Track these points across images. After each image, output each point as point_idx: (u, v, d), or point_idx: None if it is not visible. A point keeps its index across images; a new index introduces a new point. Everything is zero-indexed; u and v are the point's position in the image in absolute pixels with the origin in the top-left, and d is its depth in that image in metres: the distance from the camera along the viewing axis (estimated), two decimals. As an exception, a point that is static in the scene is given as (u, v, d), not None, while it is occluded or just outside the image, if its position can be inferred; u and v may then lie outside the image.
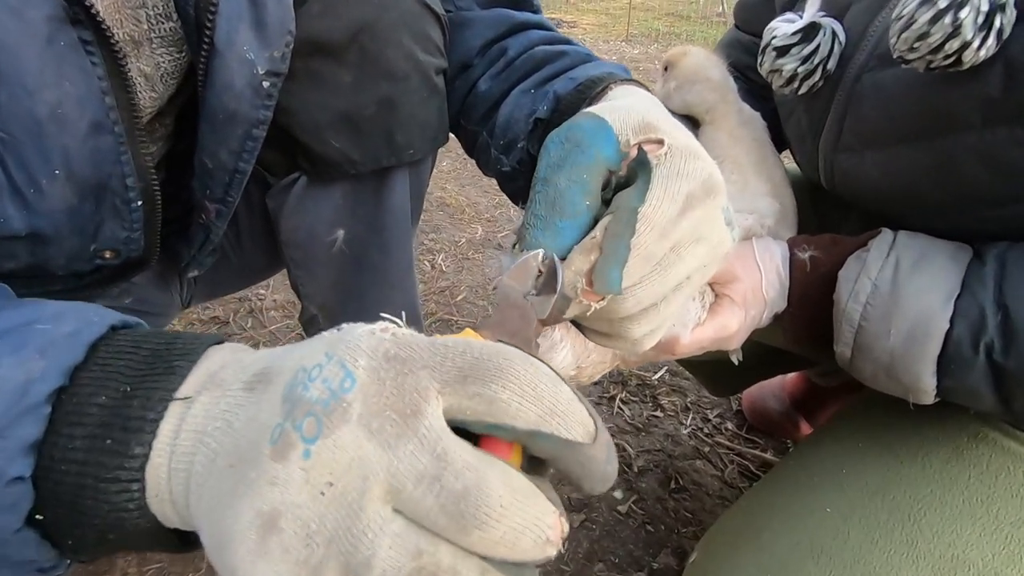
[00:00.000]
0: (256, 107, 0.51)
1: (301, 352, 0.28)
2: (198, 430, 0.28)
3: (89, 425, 0.28)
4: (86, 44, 0.43)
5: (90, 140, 0.45)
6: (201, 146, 0.52)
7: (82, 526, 0.29)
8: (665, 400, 1.25)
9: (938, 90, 0.52)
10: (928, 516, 0.54)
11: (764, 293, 0.57)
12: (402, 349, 0.27)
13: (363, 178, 0.63)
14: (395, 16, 0.57)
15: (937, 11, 0.47)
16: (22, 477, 0.28)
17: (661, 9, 8.19)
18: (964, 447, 0.58)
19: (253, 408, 0.27)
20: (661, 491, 1.05)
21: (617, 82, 0.52)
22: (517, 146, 0.59)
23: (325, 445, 0.25)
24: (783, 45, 0.61)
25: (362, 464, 0.25)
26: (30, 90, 0.41)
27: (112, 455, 0.28)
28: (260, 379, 0.28)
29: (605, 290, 0.34)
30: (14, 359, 0.29)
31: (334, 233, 0.66)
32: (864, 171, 0.61)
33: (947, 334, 0.50)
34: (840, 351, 0.57)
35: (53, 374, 0.29)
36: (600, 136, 0.37)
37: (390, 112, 0.59)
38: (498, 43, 0.65)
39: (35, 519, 0.29)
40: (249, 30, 0.49)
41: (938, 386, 0.52)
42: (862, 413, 0.69)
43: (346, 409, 0.25)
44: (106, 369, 0.30)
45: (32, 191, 0.43)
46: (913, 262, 0.54)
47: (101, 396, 0.29)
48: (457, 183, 2.23)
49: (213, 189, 0.55)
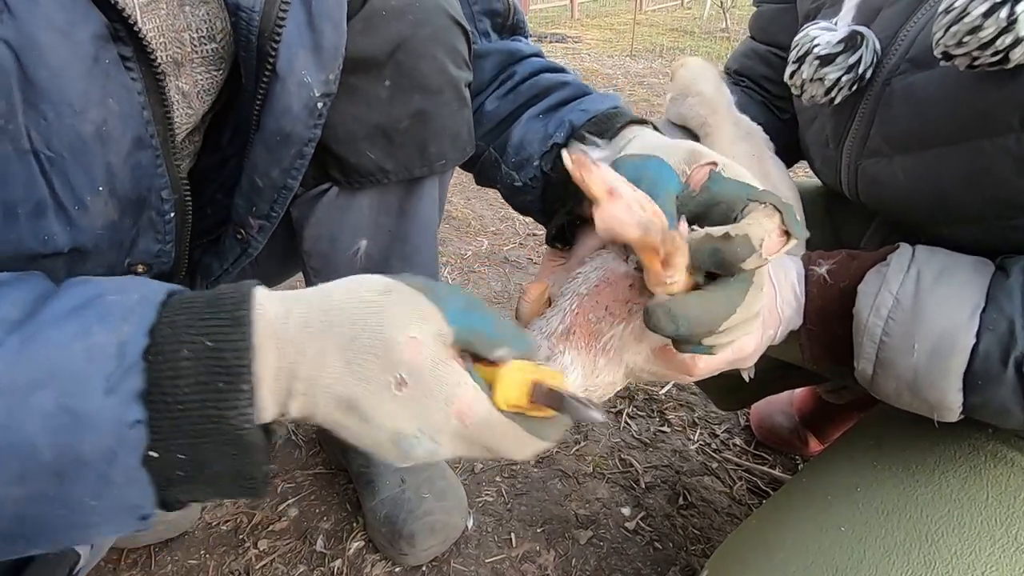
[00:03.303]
0: (309, 127, 0.53)
1: (386, 408, 0.37)
2: (290, 372, 0.36)
3: (189, 375, 0.34)
4: (125, 60, 0.44)
5: (132, 156, 0.46)
6: (253, 165, 0.54)
7: (200, 451, 0.34)
8: (672, 415, 1.25)
9: (975, 92, 0.51)
10: (946, 537, 0.53)
11: (779, 311, 0.56)
12: (473, 428, 0.38)
13: (389, 188, 0.64)
14: (429, 32, 0.58)
15: (993, 4, 0.46)
16: (140, 420, 0.33)
17: (665, 25, 8.25)
18: (982, 467, 0.57)
19: (364, 429, 0.37)
20: (669, 508, 1.04)
21: (630, 123, 0.57)
22: (532, 164, 0.62)
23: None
24: (828, 54, 0.61)
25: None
26: (77, 109, 0.41)
27: (227, 393, 0.34)
28: (351, 411, 0.37)
29: (800, 235, 0.43)
30: (103, 326, 0.34)
31: (357, 243, 0.67)
32: (892, 176, 0.60)
33: (973, 349, 0.49)
34: (861, 368, 0.56)
35: (139, 335, 0.34)
36: (664, 173, 0.45)
37: (424, 124, 0.61)
38: (507, 69, 0.69)
39: (148, 458, 0.34)
40: (308, 55, 0.51)
41: (964, 403, 0.51)
42: (875, 431, 0.68)
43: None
44: (174, 326, 0.35)
45: (76, 208, 0.44)
46: (935, 275, 0.53)
47: (183, 350, 0.34)
48: (463, 196, 2.23)
49: (259, 206, 0.56)
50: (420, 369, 0.36)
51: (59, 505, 0.33)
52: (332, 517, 1.00)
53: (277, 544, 0.95)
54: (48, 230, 0.43)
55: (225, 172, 0.61)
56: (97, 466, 0.33)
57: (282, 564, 0.92)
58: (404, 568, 0.92)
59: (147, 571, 0.91)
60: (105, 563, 0.91)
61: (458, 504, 0.95)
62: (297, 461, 1.11)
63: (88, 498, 0.33)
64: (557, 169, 0.61)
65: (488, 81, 0.70)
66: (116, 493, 0.34)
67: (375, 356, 0.36)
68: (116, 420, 0.33)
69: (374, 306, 0.37)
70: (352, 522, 0.99)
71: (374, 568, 0.92)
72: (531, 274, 1.76)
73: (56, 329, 0.34)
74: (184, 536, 0.96)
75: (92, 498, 0.33)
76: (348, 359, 0.36)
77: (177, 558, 0.93)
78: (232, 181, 0.59)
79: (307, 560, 0.93)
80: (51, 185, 0.42)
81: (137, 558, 0.93)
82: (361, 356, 0.36)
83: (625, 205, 0.38)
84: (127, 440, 0.33)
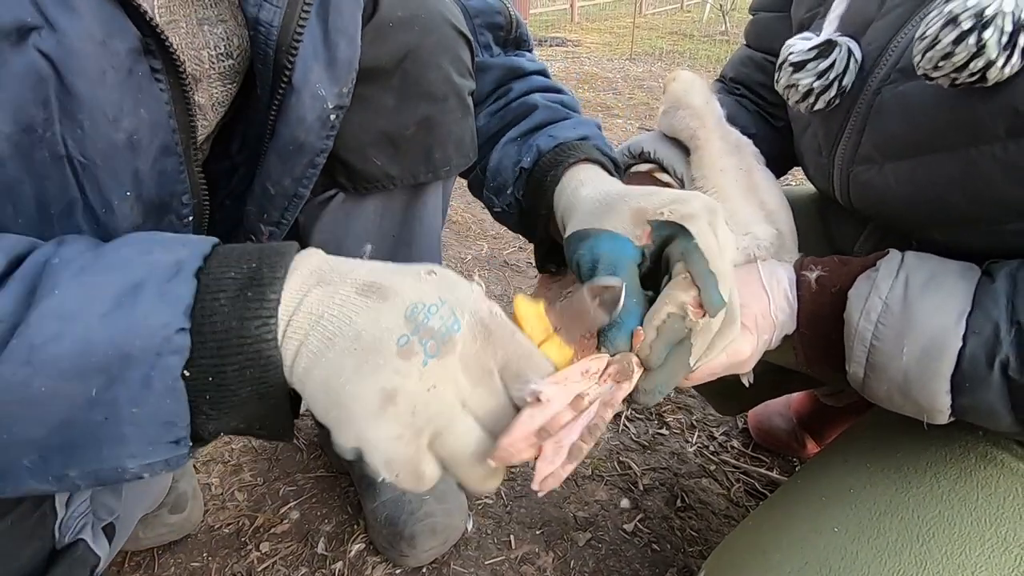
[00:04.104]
0: (322, 138, 0.54)
1: (410, 282, 0.39)
2: (314, 313, 0.37)
3: (228, 290, 0.36)
4: (155, 73, 0.45)
5: (158, 163, 0.47)
6: (266, 173, 0.55)
7: (224, 373, 0.36)
8: (671, 418, 1.25)
9: (962, 102, 0.52)
10: (937, 537, 0.54)
11: (773, 316, 0.58)
12: (491, 321, 0.39)
13: (394, 193, 0.66)
14: (434, 41, 0.60)
15: (961, 32, 0.47)
16: (185, 328, 0.35)
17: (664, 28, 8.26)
18: (973, 468, 0.58)
19: (374, 313, 0.37)
20: (667, 509, 1.05)
21: (581, 161, 0.60)
22: (506, 192, 0.65)
23: (439, 363, 0.37)
24: (799, 60, 0.63)
25: (456, 385, 0.38)
26: (111, 118, 0.43)
27: (252, 301, 0.36)
28: (373, 290, 0.38)
29: (713, 310, 0.46)
30: (163, 248, 0.38)
31: (362, 248, 0.67)
32: (883, 183, 0.61)
33: (960, 352, 0.50)
34: (853, 371, 0.57)
35: (195, 257, 0.37)
36: (618, 246, 0.49)
37: (429, 131, 0.62)
38: (505, 85, 0.71)
39: (182, 375, 0.35)
40: (322, 69, 0.52)
41: (953, 405, 0.52)
42: (870, 433, 0.69)
43: (454, 346, 0.37)
44: (226, 259, 0.38)
45: (104, 211, 0.45)
46: (923, 281, 0.54)
47: (231, 272, 0.37)
48: (463, 200, 2.24)
49: (270, 213, 0.57)
50: (446, 272, 0.41)
51: (101, 410, 0.34)
52: (333, 519, 1.01)
53: (279, 547, 0.96)
54: (77, 228, 0.44)
55: (234, 180, 0.62)
56: (142, 366, 0.34)
57: (284, 566, 0.93)
58: (405, 570, 0.93)
59: (150, 574, 0.92)
60: (109, 566, 0.92)
61: (458, 506, 0.96)
62: (299, 464, 1.12)
63: (128, 404, 0.34)
64: (528, 197, 0.64)
65: (485, 96, 0.71)
66: (154, 403, 0.35)
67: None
68: (163, 324, 0.35)
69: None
70: (353, 524, 1.00)
71: (375, 570, 0.93)
72: (530, 278, 1.77)
73: (122, 248, 0.38)
74: (187, 539, 0.97)
75: (132, 404, 0.34)
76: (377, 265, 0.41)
77: (180, 561, 0.94)
78: (241, 189, 0.60)
79: (309, 562, 0.94)
80: (82, 189, 0.43)
81: (140, 561, 0.94)
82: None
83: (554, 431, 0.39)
84: (171, 343, 0.35)
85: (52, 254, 0.37)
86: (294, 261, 0.39)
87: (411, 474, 0.37)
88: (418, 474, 0.37)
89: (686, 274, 0.46)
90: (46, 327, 0.34)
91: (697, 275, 0.46)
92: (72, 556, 0.56)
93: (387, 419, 0.36)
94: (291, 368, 0.37)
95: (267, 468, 1.11)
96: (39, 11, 0.39)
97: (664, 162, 0.71)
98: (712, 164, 0.66)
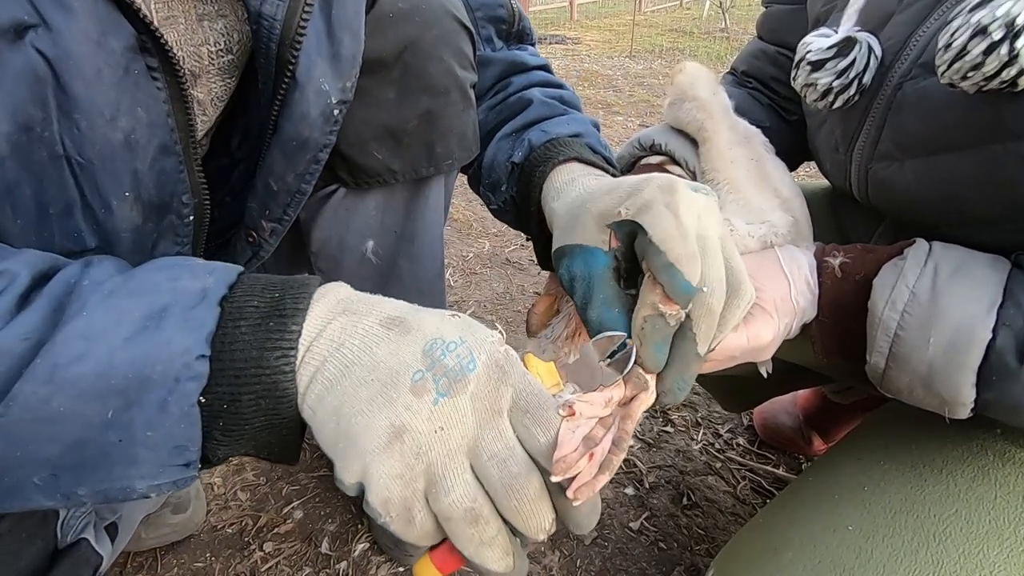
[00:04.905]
0: (325, 133, 0.54)
1: (434, 320, 0.39)
2: (335, 340, 0.37)
3: (250, 319, 0.37)
4: (152, 71, 0.44)
5: (157, 163, 0.47)
6: (268, 170, 0.54)
7: (239, 401, 0.36)
8: (676, 415, 1.25)
9: (988, 100, 0.51)
10: (954, 536, 0.53)
11: (794, 302, 0.56)
12: (506, 363, 0.38)
13: (395, 188, 0.65)
14: (436, 33, 0.59)
15: (992, 42, 0.46)
16: (205, 355, 0.35)
17: (664, 25, 8.25)
18: (990, 466, 0.57)
19: (394, 345, 0.37)
20: (673, 508, 1.04)
21: (569, 160, 0.58)
22: (501, 188, 0.64)
23: (449, 402, 0.36)
24: (818, 59, 0.61)
25: (464, 427, 0.37)
26: (108, 118, 0.42)
27: (274, 332, 0.36)
28: (396, 324, 0.38)
29: (684, 300, 0.44)
30: (191, 275, 0.38)
31: (364, 243, 0.67)
32: (903, 180, 0.60)
33: (989, 344, 0.49)
34: (874, 362, 0.56)
35: (221, 286, 0.38)
36: (589, 259, 0.48)
37: (430, 125, 0.61)
38: (505, 79, 0.70)
39: (198, 402, 0.35)
40: (326, 63, 0.51)
41: (976, 399, 0.51)
42: (882, 430, 0.68)
43: (467, 385, 0.37)
44: (251, 288, 0.38)
45: (103, 211, 0.45)
46: (952, 270, 0.53)
47: (254, 300, 0.37)
48: (464, 198, 2.23)
49: (272, 209, 0.57)
50: (468, 320, 0.40)
51: (116, 432, 0.34)
52: (337, 519, 1.00)
53: (282, 546, 0.96)
54: (76, 228, 0.44)
55: (234, 177, 0.61)
56: (160, 390, 0.34)
57: (288, 566, 0.92)
58: (408, 569, 0.92)
59: (153, 574, 0.91)
60: (112, 567, 0.91)
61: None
62: (302, 464, 1.11)
63: (144, 427, 0.34)
64: (520, 193, 0.63)
65: (485, 90, 0.70)
66: (169, 427, 0.35)
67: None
68: (185, 350, 0.35)
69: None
70: (357, 524, 0.99)
71: (379, 570, 0.92)
72: (533, 275, 1.76)
73: (151, 273, 0.38)
74: (190, 539, 0.96)
75: (147, 427, 0.34)
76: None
77: (183, 561, 0.93)
78: (241, 186, 0.59)
79: (312, 562, 0.93)
80: (81, 189, 0.43)
81: (143, 561, 0.93)
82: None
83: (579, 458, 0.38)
84: (191, 369, 0.35)
85: (81, 275, 0.37)
86: (319, 292, 0.39)
87: (402, 518, 0.36)
88: (408, 518, 0.36)
89: (648, 273, 0.45)
90: (71, 347, 0.34)
91: (656, 271, 0.44)
92: (74, 556, 0.56)
93: (393, 456, 0.35)
94: (304, 395, 0.37)
95: (270, 468, 1.10)
96: (35, 9, 0.38)
97: (676, 154, 0.70)
98: (722, 155, 0.65)
